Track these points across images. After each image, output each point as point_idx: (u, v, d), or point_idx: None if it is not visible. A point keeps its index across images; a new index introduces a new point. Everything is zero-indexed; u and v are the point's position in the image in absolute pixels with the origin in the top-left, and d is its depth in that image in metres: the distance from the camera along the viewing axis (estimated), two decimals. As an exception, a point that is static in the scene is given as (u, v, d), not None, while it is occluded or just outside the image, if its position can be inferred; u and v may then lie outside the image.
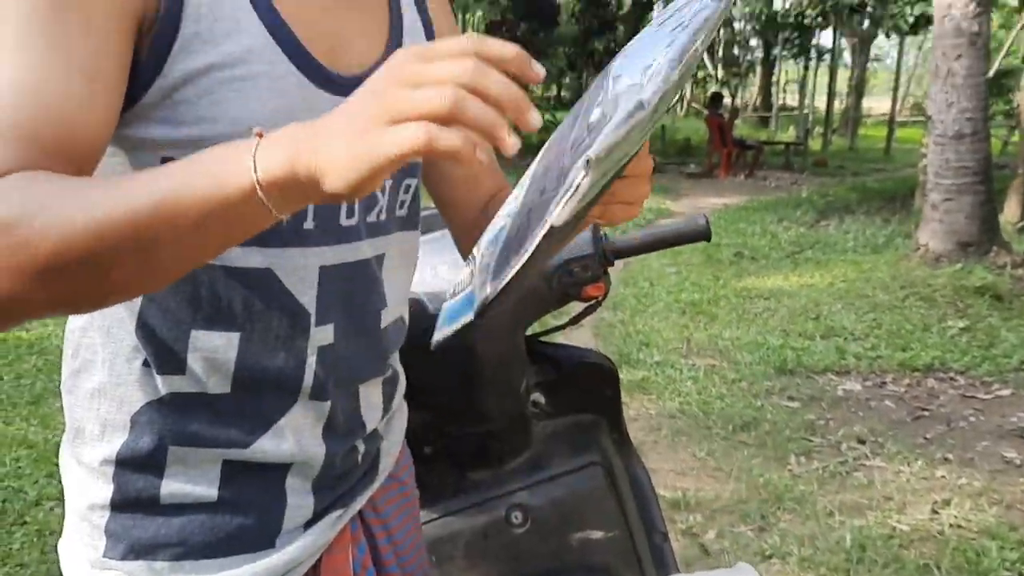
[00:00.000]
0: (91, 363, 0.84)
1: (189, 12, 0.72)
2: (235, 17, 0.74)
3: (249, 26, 0.75)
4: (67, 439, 0.88)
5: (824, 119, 23.03)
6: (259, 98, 0.75)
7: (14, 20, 0.66)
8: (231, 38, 0.74)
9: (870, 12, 11.68)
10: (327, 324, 0.85)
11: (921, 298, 5.65)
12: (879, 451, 3.51)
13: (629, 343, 4.86)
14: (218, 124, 0.73)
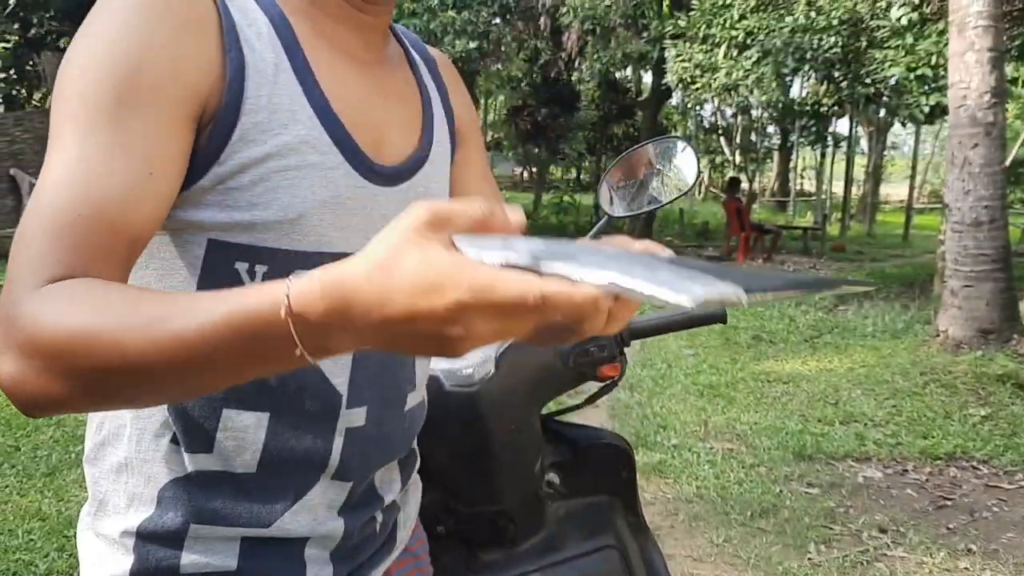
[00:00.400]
0: (118, 437, 0.84)
1: (249, 104, 0.75)
2: (291, 109, 0.77)
3: (303, 117, 0.78)
4: (88, 511, 0.88)
5: (842, 205, 23.16)
6: (310, 187, 0.78)
7: (79, 109, 0.69)
8: (287, 128, 0.77)
9: (885, 102, 11.87)
10: (358, 407, 0.86)
11: (942, 385, 5.59)
12: (901, 541, 3.44)
13: (646, 425, 4.82)
14: (269, 210, 0.76)
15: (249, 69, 0.75)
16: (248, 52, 0.76)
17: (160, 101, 0.71)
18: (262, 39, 0.77)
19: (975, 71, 6.24)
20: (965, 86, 6.31)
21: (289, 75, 0.78)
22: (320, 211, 0.79)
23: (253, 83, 0.75)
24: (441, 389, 1.33)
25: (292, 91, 0.78)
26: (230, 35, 0.75)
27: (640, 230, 14.98)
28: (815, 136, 22.22)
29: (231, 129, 0.74)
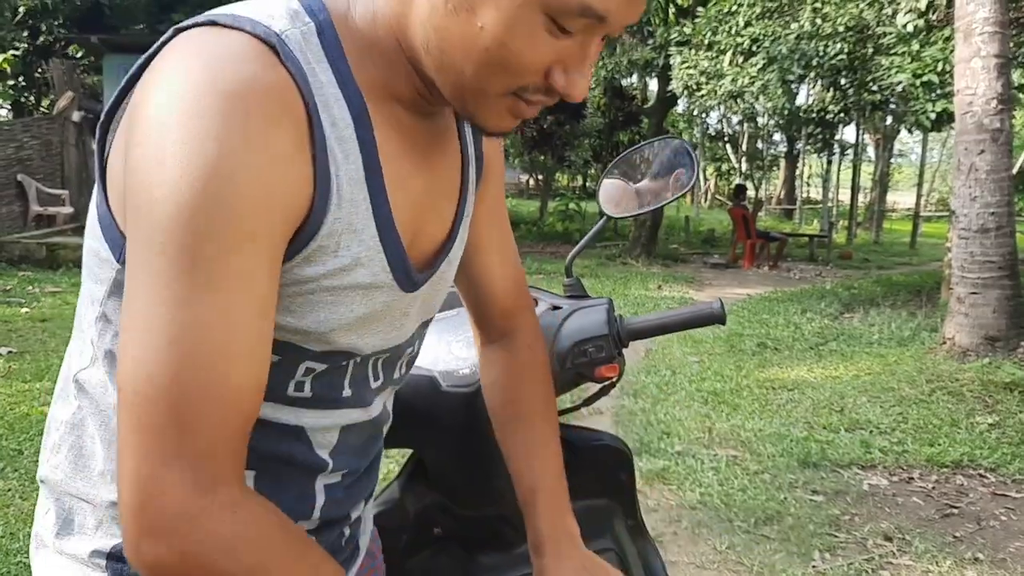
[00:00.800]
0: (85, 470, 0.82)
1: (325, 227, 0.72)
2: (357, 228, 0.75)
3: (366, 236, 0.76)
4: (47, 528, 0.85)
5: (848, 213, 23.12)
6: (349, 305, 0.77)
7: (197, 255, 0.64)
8: (349, 250, 0.74)
9: (892, 109, 11.84)
10: (339, 471, 0.89)
11: (948, 392, 5.55)
12: (906, 549, 3.41)
13: (650, 432, 4.80)
14: (302, 320, 0.75)
15: (332, 187, 0.72)
16: (333, 167, 0.72)
17: (272, 237, 0.68)
18: (344, 144, 0.73)
19: (981, 77, 6.22)
20: (971, 92, 6.28)
21: (362, 188, 0.74)
22: (350, 327, 0.79)
23: (334, 203, 0.72)
24: (438, 390, 1.32)
25: (362, 207, 0.75)
26: (320, 147, 0.70)
27: (646, 237, 14.95)
28: (821, 143, 22.22)
29: (301, 248, 0.72)
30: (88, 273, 0.79)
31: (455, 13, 0.70)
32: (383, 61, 0.76)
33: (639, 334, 1.39)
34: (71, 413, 0.82)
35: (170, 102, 0.64)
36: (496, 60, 0.71)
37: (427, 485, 1.45)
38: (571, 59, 0.73)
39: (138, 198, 0.65)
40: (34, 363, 5.66)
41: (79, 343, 0.82)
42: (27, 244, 10.54)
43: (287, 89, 0.68)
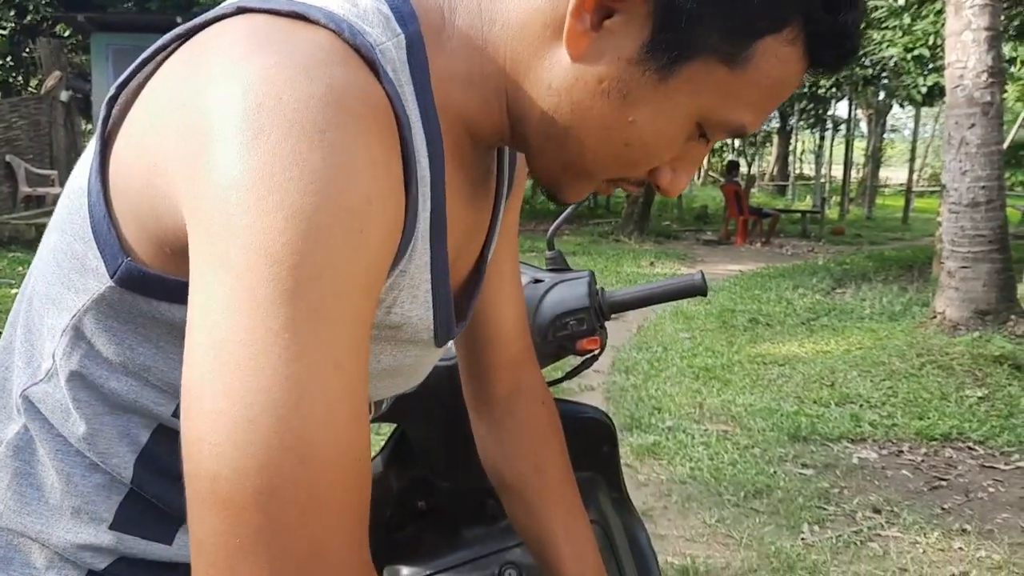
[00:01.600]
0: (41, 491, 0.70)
1: (391, 279, 0.63)
2: (414, 285, 0.66)
3: (420, 293, 0.67)
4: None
5: (841, 188, 23.13)
6: (377, 358, 0.70)
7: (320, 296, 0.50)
8: (402, 307, 0.66)
9: (884, 83, 11.81)
10: None
11: (938, 366, 5.58)
12: (895, 521, 3.43)
13: (641, 407, 4.81)
14: None
15: (417, 231, 0.62)
16: (420, 206, 0.62)
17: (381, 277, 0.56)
18: (423, 185, 0.62)
19: (972, 51, 6.20)
20: (962, 66, 6.27)
21: (426, 238, 0.64)
22: (375, 378, 0.71)
23: (408, 252, 0.62)
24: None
25: (423, 259, 0.65)
26: (413, 182, 0.59)
27: (638, 214, 14.93)
28: (814, 119, 22.18)
29: None
30: (59, 275, 0.66)
31: (606, 96, 0.62)
32: (475, 95, 0.67)
33: (621, 306, 1.38)
34: (13, 433, 0.70)
35: (274, 106, 0.51)
36: (628, 157, 0.65)
37: (410, 460, 1.45)
38: (685, 161, 0.69)
39: (228, 219, 0.50)
40: (24, 344, 5.65)
41: (28, 349, 0.70)
42: (16, 225, 10.49)
43: (389, 111, 0.57)
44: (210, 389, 0.48)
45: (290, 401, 0.47)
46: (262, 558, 0.46)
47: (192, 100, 0.54)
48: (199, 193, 0.52)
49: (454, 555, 1.44)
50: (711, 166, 34.95)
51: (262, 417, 0.47)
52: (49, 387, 0.68)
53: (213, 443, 0.47)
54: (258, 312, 0.48)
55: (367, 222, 0.52)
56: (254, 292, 0.48)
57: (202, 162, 0.52)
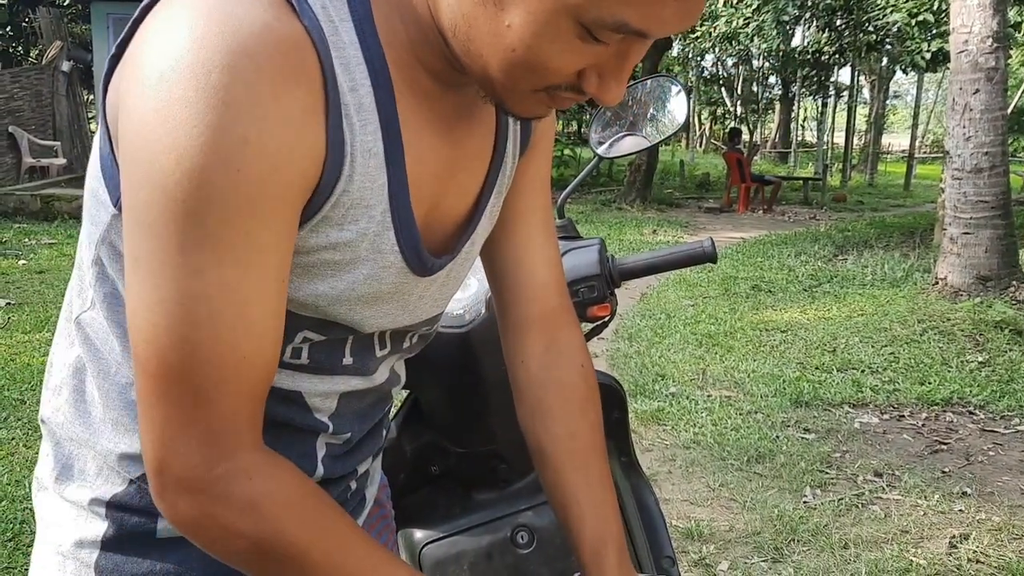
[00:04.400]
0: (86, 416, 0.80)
1: (334, 197, 0.68)
2: (368, 202, 0.70)
3: (376, 212, 0.71)
4: (47, 472, 0.83)
5: (843, 155, 23.03)
6: (351, 281, 0.73)
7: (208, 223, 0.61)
8: (356, 223, 0.70)
9: (887, 49, 11.72)
10: (341, 433, 0.86)
11: (939, 332, 5.61)
12: (896, 484, 3.48)
13: (645, 374, 4.85)
14: (299, 291, 0.71)
15: (346, 156, 0.67)
16: (348, 135, 0.66)
17: (285, 204, 0.64)
18: (362, 112, 0.67)
19: (977, 15, 6.16)
20: (967, 31, 6.23)
21: (379, 160, 0.69)
22: (353, 303, 0.75)
23: (345, 174, 0.67)
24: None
25: (376, 180, 0.69)
26: (335, 112, 0.65)
27: (640, 182, 14.90)
28: (817, 86, 22.02)
29: (308, 219, 0.68)
30: (87, 214, 0.75)
31: (483, 4, 0.64)
32: (414, 26, 0.71)
33: (631, 274, 1.41)
34: (75, 356, 0.80)
35: (173, 54, 0.59)
36: (522, 61, 0.66)
37: (423, 424, 1.48)
38: (606, 65, 0.68)
39: (138, 158, 0.61)
40: (33, 314, 5.69)
41: (79, 283, 0.79)
42: (21, 196, 10.49)
43: (302, 45, 0.62)
44: (132, 293, 0.65)
45: (179, 311, 0.62)
46: (161, 407, 0.65)
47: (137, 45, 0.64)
48: (122, 127, 0.63)
49: (466, 518, 1.48)
50: (713, 134, 34.74)
51: (159, 320, 0.63)
52: (93, 313, 0.77)
53: (135, 334, 0.65)
54: (158, 239, 0.61)
55: (245, 161, 0.60)
56: (154, 221, 0.61)
57: (126, 99, 0.63)
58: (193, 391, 0.64)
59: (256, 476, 0.67)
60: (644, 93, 1.56)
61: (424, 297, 0.82)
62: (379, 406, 0.92)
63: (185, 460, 0.65)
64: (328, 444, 0.85)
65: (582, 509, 0.93)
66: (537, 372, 0.98)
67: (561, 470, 0.95)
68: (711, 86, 31.58)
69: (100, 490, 0.79)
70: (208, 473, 0.66)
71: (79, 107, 13.81)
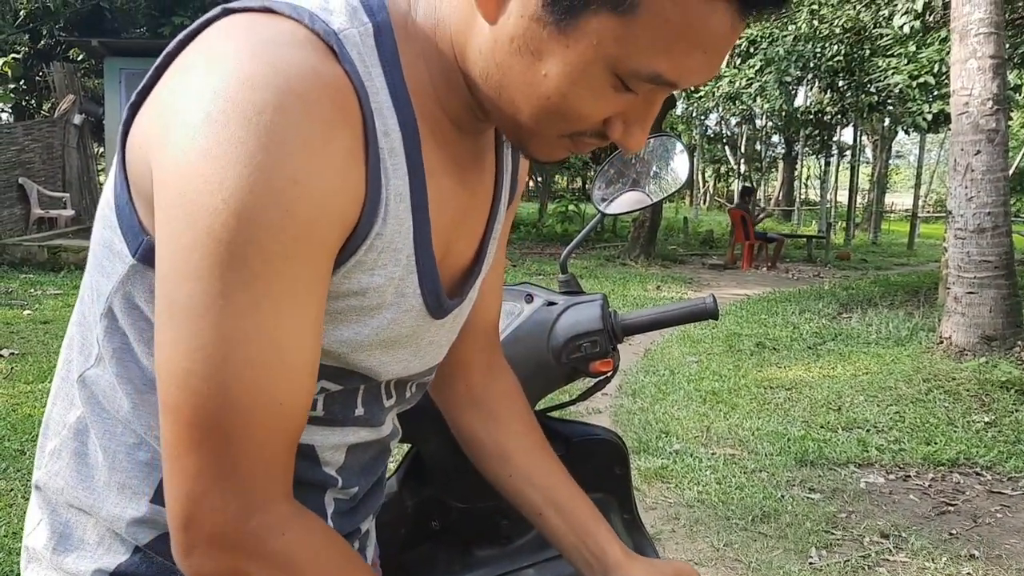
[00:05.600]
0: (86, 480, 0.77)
1: (368, 242, 0.68)
2: (396, 248, 0.71)
3: (403, 257, 0.72)
4: (40, 542, 0.79)
5: (846, 214, 23.14)
6: (375, 327, 0.73)
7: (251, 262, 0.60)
8: (384, 269, 0.71)
9: (889, 110, 11.86)
10: (348, 488, 0.86)
11: (945, 392, 5.58)
12: (903, 546, 3.43)
13: (648, 431, 4.82)
14: (326, 338, 0.71)
15: (381, 200, 0.68)
16: (384, 179, 0.67)
17: (325, 248, 0.65)
18: (393, 156, 0.68)
19: (977, 78, 6.25)
20: (967, 93, 6.31)
21: (406, 206, 0.70)
22: (373, 348, 0.75)
23: (380, 217, 0.68)
24: (434, 384, 1.34)
25: (403, 226, 0.70)
26: (373, 156, 0.66)
27: (644, 238, 14.97)
28: (819, 145, 22.24)
29: (342, 263, 0.68)
30: (95, 265, 0.74)
31: (519, 54, 0.66)
32: (439, 73, 0.73)
33: (633, 329, 1.41)
34: (75, 418, 0.77)
35: (221, 94, 0.59)
36: (555, 108, 0.68)
37: (424, 479, 1.47)
38: (633, 113, 0.71)
39: (181, 200, 0.60)
40: (36, 365, 5.69)
41: (81, 339, 0.77)
42: (29, 247, 10.57)
43: (346, 90, 0.64)
44: (166, 340, 0.63)
45: (218, 356, 0.61)
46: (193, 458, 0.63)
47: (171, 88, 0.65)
48: (161, 170, 0.62)
49: (468, 574, 1.46)
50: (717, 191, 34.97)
51: (197, 367, 0.61)
52: (98, 371, 0.75)
53: (168, 382, 0.63)
54: (199, 282, 0.60)
55: (294, 201, 0.60)
56: (196, 264, 0.60)
57: (165, 141, 0.62)
58: (228, 440, 0.63)
59: (289, 531, 0.66)
60: (647, 151, 1.58)
61: (433, 343, 0.84)
62: (381, 459, 0.92)
63: (218, 514, 0.63)
64: (336, 499, 0.85)
65: (559, 493, 1.00)
66: (485, 388, 1.06)
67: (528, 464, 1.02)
68: (715, 144, 31.90)
69: (102, 560, 0.76)
70: (242, 526, 0.64)
71: (89, 159, 13.99)
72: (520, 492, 1.01)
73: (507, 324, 1.39)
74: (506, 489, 1.03)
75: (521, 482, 1.01)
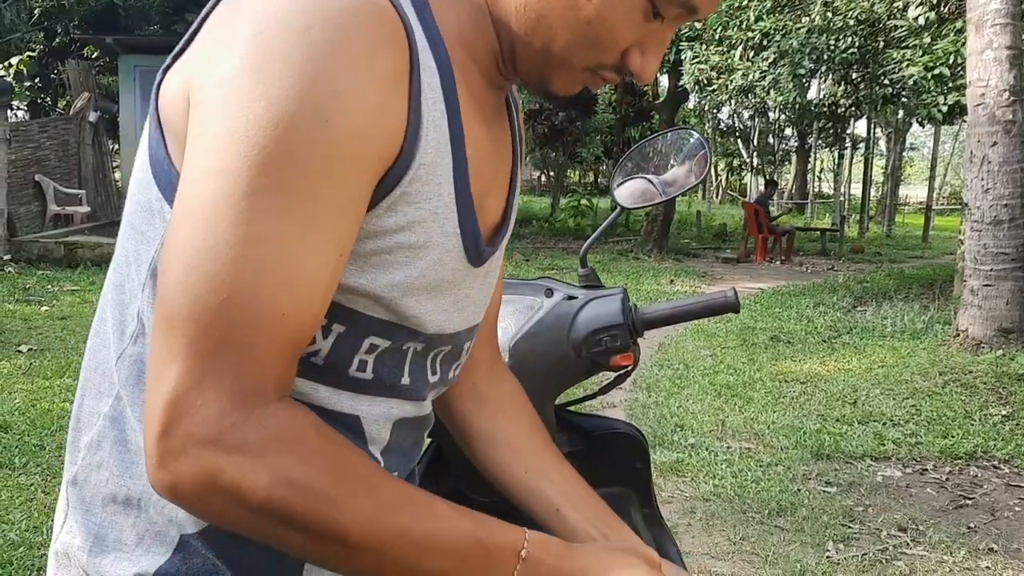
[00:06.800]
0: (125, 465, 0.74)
1: (412, 171, 0.68)
2: (438, 181, 0.71)
3: (444, 192, 0.71)
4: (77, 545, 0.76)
5: (860, 207, 23.03)
6: (422, 268, 0.72)
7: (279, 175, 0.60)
8: (429, 202, 0.70)
9: (903, 102, 11.79)
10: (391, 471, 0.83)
11: (961, 385, 5.56)
12: (920, 539, 3.42)
13: (663, 425, 4.82)
14: (376, 283, 0.70)
15: (423, 128, 0.68)
16: (425, 108, 0.68)
17: (363, 170, 0.64)
18: (432, 91, 0.69)
19: (993, 69, 6.21)
20: (983, 84, 6.28)
21: (445, 140, 0.70)
22: (421, 293, 0.74)
23: (421, 146, 0.68)
24: (456, 378, 1.34)
25: (443, 160, 0.70)
26: (416, 85, 0.67)
27: (657, 232, 14.95)
28: (833, 138, 22.13)
29: (386, 194, 0.67)
30: (133, 236, 0.73)
31: None
32: (469, 19, 0.76)
33: (654, 323, 1.41)
34: (109, 405, 0.75)
35: (272, 13, 0.61)
36: (592, 34, 0.73)
37: (445, 474, 1.47)
38: (651, 43, 0.75)
39: (223, 112, 0.61)
40: (54, 360, 5.73)
41: (118, 320, 0.74)
42: (45, 244, 10.64)
43: (393, 14, 0.65)
44: (178, 239, 0.61)
45: (229, 256, 0.59)
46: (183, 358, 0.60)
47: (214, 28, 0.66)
48: (202, 90, 0.63)
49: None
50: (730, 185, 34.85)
51: (206, 265, 0.60)
52: (136, 348, 0.72)
53: (168, 279, 0.61)
54: (226, 180, 0.59)
55: (336, 114, 0.61)
56: (227, 163, 0.59)
57: (209, 69, 0.63)
58: (223, 341, 0.60)
59: (270, 421, 0.62)
60: (665, 144, 1.58)
61: (469, 296, 0.83)
62: (416, 448, 0.92)
63: (200, 415, 0.60)
64: None
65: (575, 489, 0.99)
66: (490, 386, 1.05)
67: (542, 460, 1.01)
68: (727, 138, 31.78)
69: (141, 563, 0.72)
70: (221, 423, 0.60)
71: (104, 156, 14.07)
72: (536, 488, 0.99)
73: (527, 318, 1.39)
74: (518, 485, 1.00)
75: (538, 477, 0.99)
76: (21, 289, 8.55)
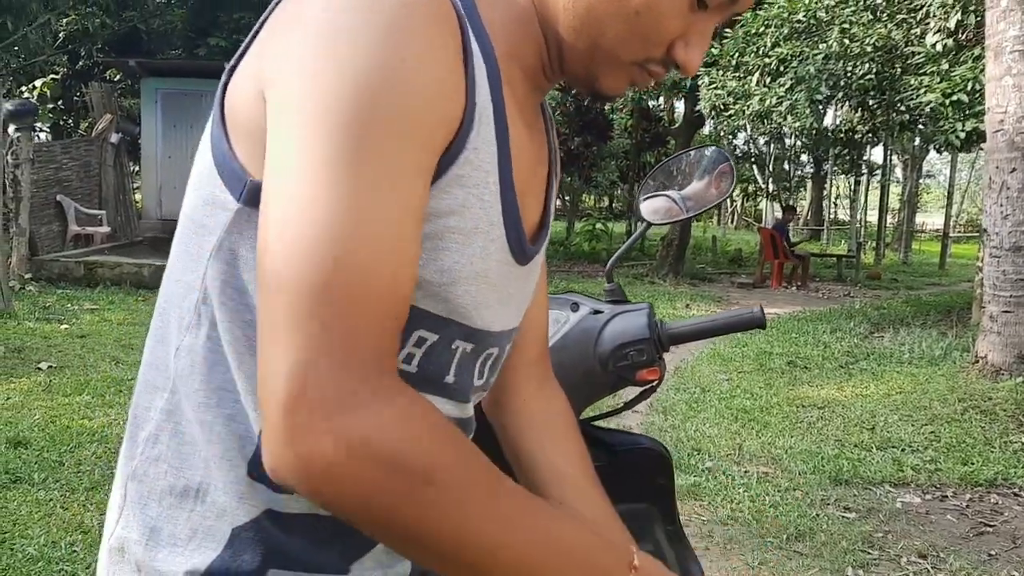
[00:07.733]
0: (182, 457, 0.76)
1: (465, 153, 0.69)
2: (486, 168, 0.72)
3: (491, 180, 0.72)
4: (130, 537, 0.77)
5: (876, 233, 22.95)
6: (470, 256, 0.73)
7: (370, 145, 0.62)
8: (477, 187, 0.71)
9: (921, 129, 11.77)
10: None
11: (981, 411, 5.51)
12: (941, 567, 3.39)
13: (680, 448, 4.80)
14: (426, 269, 0.70)
15: (476, 111, 0.70)
16: (477, 94, 0.70)
17: (435, 139, 0.66)
18: (482, 83, 0.71)
19: (1012, 95, 6.21)
20: (1002, 111, 6.27)
21: (490, 131, 0.71)
22: (469, 282, 0.74)
23: (475, 130, 0.69)
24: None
25: (489, 148, 0.71)
26: (470, 72, 0.69)
27: (673, 257, 14.95)
28: (849, 164, 22.09)
29: (444, 171, 0.68)
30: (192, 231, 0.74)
31: None
32: (514, 21, 0.78)
33: (680, 338, 1.42)
34: (164, 400, 0.76)
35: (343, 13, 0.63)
36: (640, 25, 0.74)
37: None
38: (694, 34, 0.76)
39: (301, 88, 0.62)
40: (73, 377, 5.77)
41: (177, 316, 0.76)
42: (66, 263, 10.73)
43: (448, 3, 0.68)
44: (274, 203, 0.62)
45: (338, 224, 0.60)
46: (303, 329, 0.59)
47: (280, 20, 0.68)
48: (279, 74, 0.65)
49: None
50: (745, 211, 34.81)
51: (308, 229, 0.60)
52: (190, 339, 0.74)
53: (280, 253, 0.60)
54: (315, 147, 0.61)
55: (414, 85, 0.63)
56: (314, 130, 0.61)
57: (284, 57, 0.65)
58: (338, 310, 0.59)
59: (399, 397, 0.61)
60: (689, 162, 1.60)
61: (513, 295, 0.83)
62: None
63: (331, 382, 0.58)
64: None
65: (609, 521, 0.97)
66: (539, 407, 1.04)
67: (582, 486, 1.00)
68: (743, 163, 31.79)
69: (193, 559, 0.73)
70: (358, 391, 0.59)
71: (125, 178, 14.21)
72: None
73: (553, 332, 1.40)
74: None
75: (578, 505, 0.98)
76: (41, 307, 8.62)
